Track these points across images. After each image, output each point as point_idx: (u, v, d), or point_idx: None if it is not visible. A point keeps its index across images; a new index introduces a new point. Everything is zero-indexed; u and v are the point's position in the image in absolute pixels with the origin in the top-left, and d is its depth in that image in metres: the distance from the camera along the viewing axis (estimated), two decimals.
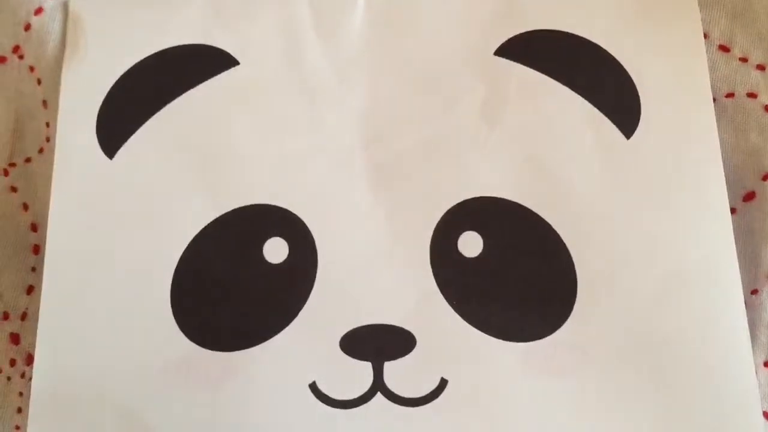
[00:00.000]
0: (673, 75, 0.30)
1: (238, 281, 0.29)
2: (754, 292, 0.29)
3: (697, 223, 0.29)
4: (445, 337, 0.29)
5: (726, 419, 0.28)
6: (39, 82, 0.32)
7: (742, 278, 0.29)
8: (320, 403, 0.28)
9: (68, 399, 0.28)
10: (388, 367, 0.28)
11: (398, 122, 0.31)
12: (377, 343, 0.28)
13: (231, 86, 0.31)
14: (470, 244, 0.29)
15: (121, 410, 0.28)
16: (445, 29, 0.32)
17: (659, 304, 0.28)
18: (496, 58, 0.31)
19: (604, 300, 0.29)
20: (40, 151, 0.32)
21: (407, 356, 0.28)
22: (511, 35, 0.31)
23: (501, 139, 0.30)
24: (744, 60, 0.31)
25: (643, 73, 0.30)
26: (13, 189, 0.32)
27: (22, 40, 0.32)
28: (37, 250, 0.31)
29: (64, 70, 0.31)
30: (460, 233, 0.29)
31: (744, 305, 0.28)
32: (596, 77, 0.31)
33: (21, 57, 0.33)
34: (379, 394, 0.28)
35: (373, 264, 0.29)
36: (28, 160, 0.32)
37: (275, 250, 0.29)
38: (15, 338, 0.31)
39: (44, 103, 0.32)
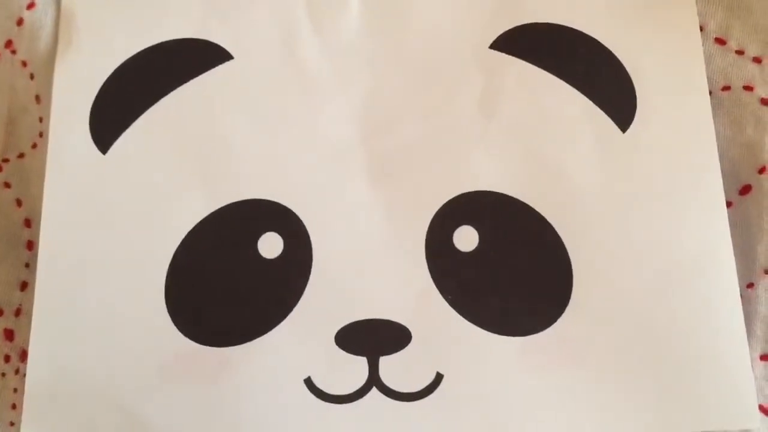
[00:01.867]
0: (669, 68, 0.30)
1: (232, 277, 0.29)
2: (750, 285, 0.29)
3: (693, 216, 0.29)
4: (440, 331, 0.28)
5: (722, 413, 0.28)
6: (32, 76, 0.32)
7: (737, 272, 0.29)
8: (315, 398, 0.28)
9: (63, 395, 0.28)
10: (384, 361, 0.28)
11: (395, 116, 0.31)
12: (372, 338, 0.28)
13: (225, 81, 0.31)
14: (466, 239, 0.29)
15: (116, 406, 0.28)
16: (441, 21, 0.31)
17: (655, 298, 0.28)
18: (493, 51, 0.31)
19: (600, 294, 0.29)
20: (34, 146, 0.32)
21: (402, 351, 0.28)
22: (507, 28, 0.31)
23: (498, 132, 0.30)
24: (740, 53, 0.31)
25: (639, 67, 0.30)
26: (7, 185, 0.32)
27: (15, 34, 0.32)
28: (31, 245, 0.31)
29: (56, 64, 0.31)
30: (456, 227, 0.29)
31: (740, 299, 0.28)
32: (592, 70, 0.31)
33: (13, 52, 0.32)
34: (374, 388, 0.28)
35: (369, 259, 0.29)
36: (21, 155, 0.32)
37: (270, 245, 0.29)
38: (9, 334, 0.31)
39: (37, 98, 0.32)
